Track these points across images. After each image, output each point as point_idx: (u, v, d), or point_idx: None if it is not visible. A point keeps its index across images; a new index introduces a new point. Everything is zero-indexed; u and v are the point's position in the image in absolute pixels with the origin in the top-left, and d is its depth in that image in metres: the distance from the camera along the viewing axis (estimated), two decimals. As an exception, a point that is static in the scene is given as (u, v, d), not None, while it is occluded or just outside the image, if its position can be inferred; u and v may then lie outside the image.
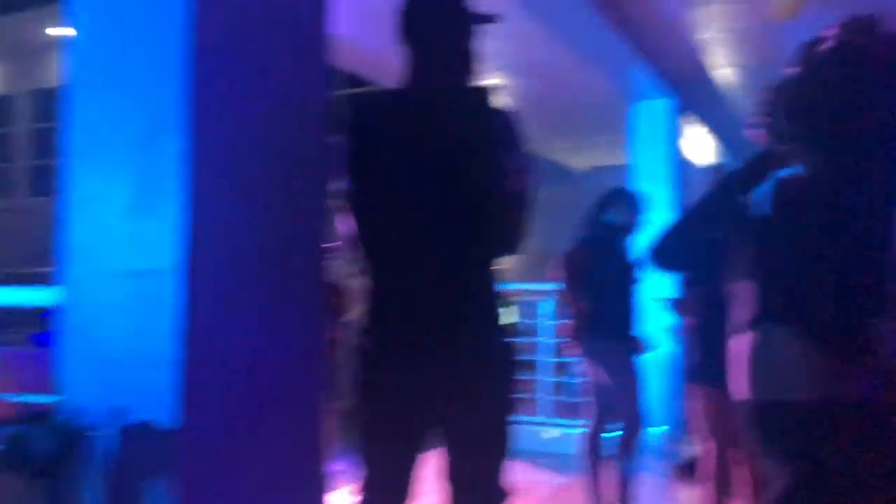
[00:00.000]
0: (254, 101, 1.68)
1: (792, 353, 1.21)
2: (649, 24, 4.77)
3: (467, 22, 1.82)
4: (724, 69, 5.78)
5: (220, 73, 1.59)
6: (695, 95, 6.42)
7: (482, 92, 1.75)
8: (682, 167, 5.26)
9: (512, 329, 1.99)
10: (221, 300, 1.57)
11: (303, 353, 1.81)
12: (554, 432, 5.48)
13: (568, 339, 3.69)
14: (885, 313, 1.24)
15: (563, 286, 3.64)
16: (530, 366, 6.64)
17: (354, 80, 6.08)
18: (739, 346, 1.30)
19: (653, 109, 5.88)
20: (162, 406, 1.48)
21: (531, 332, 6.42)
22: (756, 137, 1.38)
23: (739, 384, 1.30)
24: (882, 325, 1.23)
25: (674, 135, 6.02)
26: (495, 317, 1.77)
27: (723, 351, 1.36)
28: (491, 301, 1.77)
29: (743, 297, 1.37)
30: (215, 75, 1.58)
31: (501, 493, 1.76)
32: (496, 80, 5.95)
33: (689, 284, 3.30)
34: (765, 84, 1.39)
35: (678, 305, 3.41)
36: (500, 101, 1.80)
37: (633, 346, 3.64)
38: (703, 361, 3.01)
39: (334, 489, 2.51)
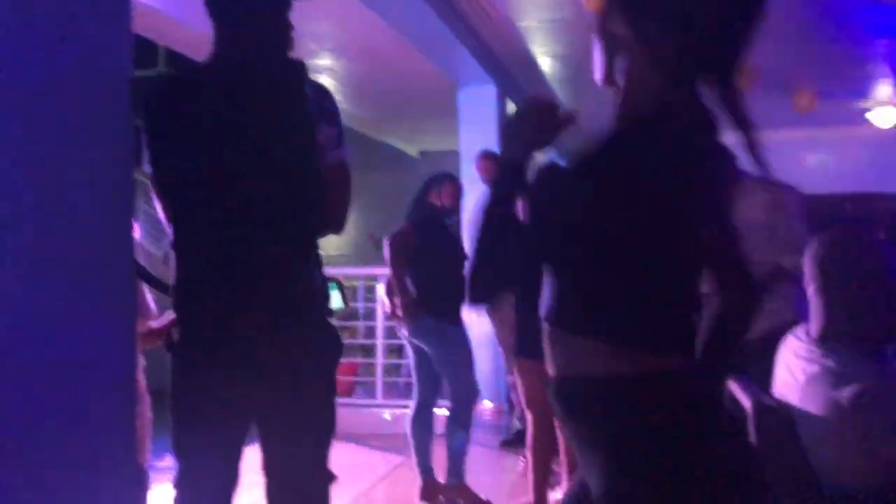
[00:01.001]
0: (43, 68, 1.52)
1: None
2: (472, 10, 4.88)
3: None
4: (544, 58, 6.02)
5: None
6: (519, 82, 6.66)
7: (294, 66, 1.71)
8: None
9: (339, 312, 1.97)
10: (7, 295, 1.44)
11: (107, 346, 1.70)
12: (390, 413, 5.55)
13: (396, 320, 3.74)
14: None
15: (391, 267, 3.68)
16: (367, 349, 6.67)
17: (177, 57, 5.78)
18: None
19: (480, 95, 6.03)
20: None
21: (369, 315, 6.43)
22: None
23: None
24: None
25: (502, 119, 6.22)
26: (316, 299, 1.74)
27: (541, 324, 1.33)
28: (311, 283, 1.73)
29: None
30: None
31: (325, 478, 1.75)
32: (324, 61, 5.87)
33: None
34: None
35: None
36: (314, 76, 1.76)
37: (461, 323, 3.74)
38: (524, 335, 3.15)
39: (158, 484, 2.41)
